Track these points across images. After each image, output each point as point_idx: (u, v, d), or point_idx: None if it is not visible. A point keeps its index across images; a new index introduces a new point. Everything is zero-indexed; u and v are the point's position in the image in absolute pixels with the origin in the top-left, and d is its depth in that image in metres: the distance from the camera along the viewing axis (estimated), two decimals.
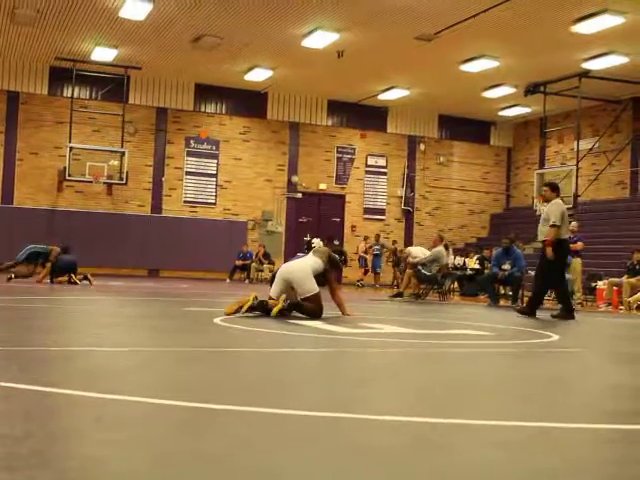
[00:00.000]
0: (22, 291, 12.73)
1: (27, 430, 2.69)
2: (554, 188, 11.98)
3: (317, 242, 10.21)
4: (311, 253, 9.57)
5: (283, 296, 8.91)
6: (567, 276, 15.35)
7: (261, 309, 8.82)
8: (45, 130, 24.37)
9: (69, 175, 23.32)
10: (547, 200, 11.95)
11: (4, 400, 3.24)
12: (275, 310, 8.70)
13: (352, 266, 26.13)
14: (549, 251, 11.32)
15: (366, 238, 25.98)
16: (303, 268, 9.14)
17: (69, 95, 23.89)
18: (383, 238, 26.71)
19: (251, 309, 8.77)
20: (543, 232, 11.55)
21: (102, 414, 3.09)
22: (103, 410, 3.17)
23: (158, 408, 3.24)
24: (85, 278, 16.70)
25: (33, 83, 24.13)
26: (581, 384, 4.85)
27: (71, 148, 23.33)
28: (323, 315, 9.01)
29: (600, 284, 17.73)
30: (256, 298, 8.86)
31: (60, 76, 24.06)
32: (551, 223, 11.30)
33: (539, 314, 11.64)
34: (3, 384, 3.55)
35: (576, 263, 16.81)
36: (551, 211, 11.45)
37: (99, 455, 2.41)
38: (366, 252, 25.74)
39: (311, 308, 8.91)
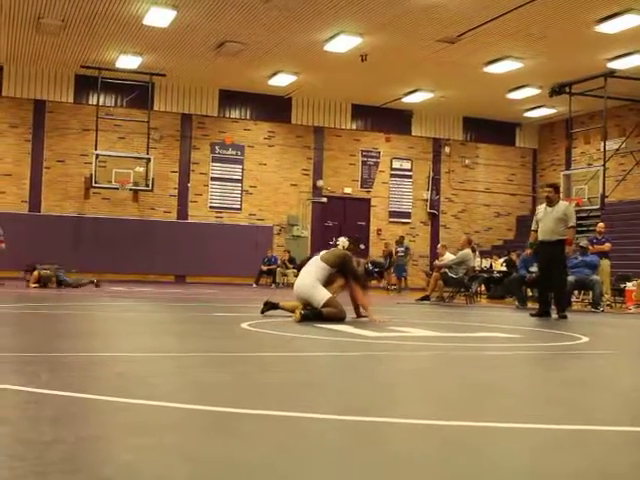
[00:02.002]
0: (47, 297, 12.82)
1: (57, 436, 2.71)
2: (558, 189, 12.48)
3: (342, 241, 9.99)
4: (320, 257, 9.43)
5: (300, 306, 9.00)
6: (595, 277, 15.29)
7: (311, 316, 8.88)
8: (71, 138, 24.57)
9: (95, 182, 23.48)
10: (551, 201, 11.99)
11: (34, 406, 3.26)
12: (297, 316, 8.71)
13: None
14: (570, 250, 12.12)
15: (398, 242, 25.82)
16: (308, 282, 9.12)
17: (94, 103, 24.06)
18: (409, 241, 26.60)
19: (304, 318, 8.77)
20: (557, 232, 11.77)
21: (133, 420, 3.09)
22: (134, 415, 3.18)
23: (190, 413, 3.24)
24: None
25: (59, 91, 24.34)
26: (612, 386, 4.80)
27: (97, 155, 23.48)
28: (349, 318, 9.01)
29: (629, 285, 17.56)
30: (304, 308, 8.95)
31: (85, 84, 24.25)
32: (572, 224, 11.86)
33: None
34: (33, 390, 3.57)
35: (604, 264, 16.66)
36: (570, 213, 11.91)
37: (131, 461, 2.42)
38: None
39: (331, 313, 8.88)
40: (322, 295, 8.95)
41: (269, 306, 9.42)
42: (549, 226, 11.82)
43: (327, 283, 9.17)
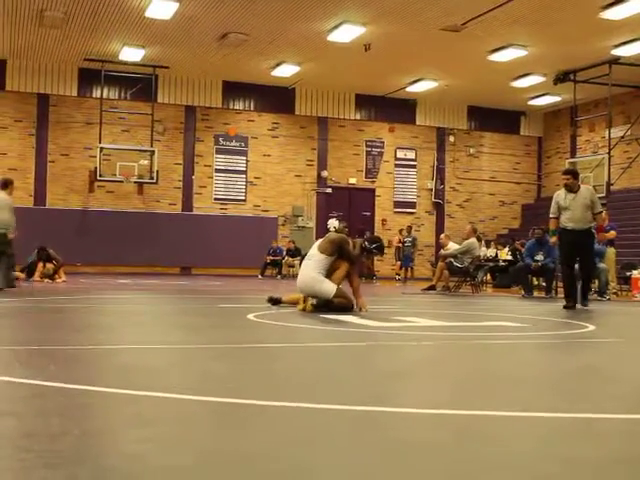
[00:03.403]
0: (51, 291, 12.83)
1: (64, 428, 2.70)
2: (577, 175, 11.93)
3: (332, 224, 9.79)
4: (316, 247, 9.29)
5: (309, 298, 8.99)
6: (601, 265, 15.24)
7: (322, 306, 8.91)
8: (75, 131, 24.57)
9: (100, 175, 23.52)
10: (571, 188, 11.40)
11: (41, 398, 3.26)
12: (309, 306, 8.76)
13: (382, 260, 26.21)
14: (604, 236, 12.15)
15: (401, 231, 25.84)
16: (311, 277, 9.04)
17: (98, 96, 24.07)
18: (414, 231, 26.56)
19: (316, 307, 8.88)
20: (587, 219, 11.29)
21: (139, 411, 3.09)
22: (140, 407, 3.18)
23: (195, 404, 3.24)
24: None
25: (63, 85, 24.33)
26: (618, 374, 4.79)
27: (101, 148, 23.50)
28: (355, 308, 9.02)
29: (635, 273, 17.50)
30: (305, 300, 9.00)
31: (89, 77, 24.24)
32: (599, 210, 11.44)
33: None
34: (40, 382, 3.57)
35: (610, 252, 16.60)
36: (595, 199, 11.46)
37: (138, 452, 2.42)
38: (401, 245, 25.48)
39: (341, 303, 8.93)
40: (329, 288, 8.93)
41: (272, 302, 9.45)
42: (578, 214, 11.24)
43: (330, 272, 9.11)
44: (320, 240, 9.49)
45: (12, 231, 13.01)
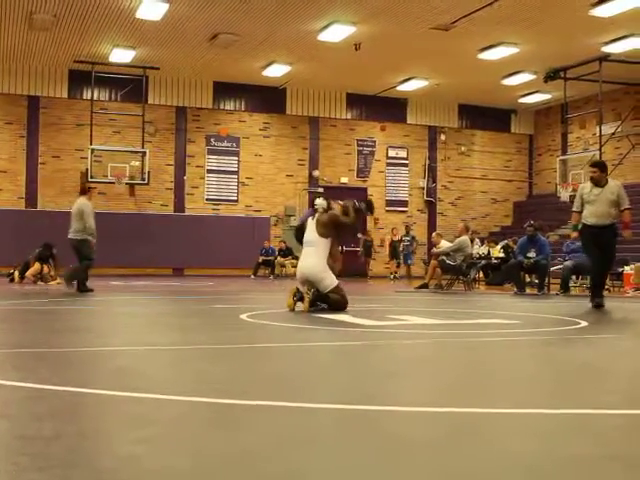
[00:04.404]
0: (46, 293, 12.80)
1: (58, 430, 2.69)
2: (604, 167, 11.10)
3: (320, 205, 9.51)
4: (315, 233, 9.18)
5: (307, 290, 8.94)
6: None
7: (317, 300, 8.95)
8: (66, 133, 24.50)
9: (91, 177, 23.43)
10: (598, 181, 10.76)
11: (35, 401, 3.25)
12: (306, 305, 8.72)
13: (376, 259, 26.23)
14: (630, 234, 11.20)
15: (393, 229, 25.81)
16: (317, 266, 9.01)
17: (89, 97, 23.98)
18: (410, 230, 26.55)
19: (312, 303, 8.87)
20: (611, 215, 10.71)
21: (133, 412, 3.08)
22: (134, 408, 3.17)
23: (190, 405, 3.23)
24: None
25: (53, 87, 24.26)
26: (612, 370, 4.79)
27: (92, 150, 23.44)
28: (349, 308, 9.01)
29: (627, 269, 17.55)
30: (298, 292, 8.99)
31: (79, 79, 24.16)
32: (626, 206, 10.77)
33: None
34: (34, 385, 3.56)
35: None
36: (623, 194, 10.78)
37: (132, 453, 2.41)
38: (394, 243, 25.44)
39: (336, 300, 8.94)
40: (330, 280, 8.98)
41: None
42: (603, 209, 10.61)
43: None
44: (313, 224, 9.30)
45: (94, 237, 12.99)
